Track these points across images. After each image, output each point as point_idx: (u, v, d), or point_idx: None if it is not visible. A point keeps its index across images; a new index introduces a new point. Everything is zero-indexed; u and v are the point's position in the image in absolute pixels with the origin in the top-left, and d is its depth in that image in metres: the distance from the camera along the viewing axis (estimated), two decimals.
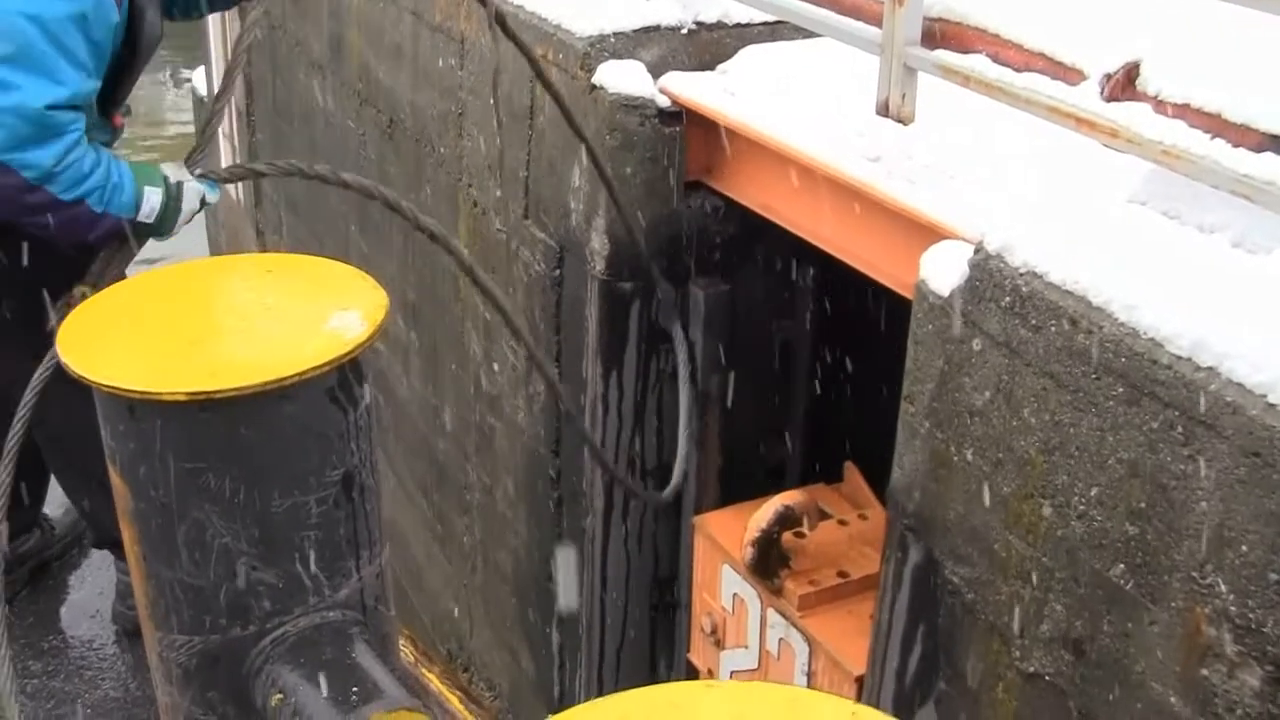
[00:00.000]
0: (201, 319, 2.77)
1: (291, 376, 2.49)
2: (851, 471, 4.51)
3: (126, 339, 2.66)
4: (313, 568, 2.69)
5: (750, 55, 4.26)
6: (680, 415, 4.31)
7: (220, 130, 9.20)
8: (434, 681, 6.07)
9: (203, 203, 4.05)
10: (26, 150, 3.70)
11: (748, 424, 4.52)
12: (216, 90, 4.20)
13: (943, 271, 2.98)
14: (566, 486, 4.81)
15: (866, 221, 3.60)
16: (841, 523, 4.30)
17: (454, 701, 6.00)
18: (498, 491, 5.39)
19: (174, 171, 4.14)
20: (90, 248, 3.99)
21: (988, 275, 2.83)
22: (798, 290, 4.47)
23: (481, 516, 5.59)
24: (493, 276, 5.03)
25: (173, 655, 2.74)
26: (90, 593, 5.31)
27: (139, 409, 2.53)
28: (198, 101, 10.31)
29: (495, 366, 5.16)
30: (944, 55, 3.29)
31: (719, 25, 4.37)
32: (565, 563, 4.84)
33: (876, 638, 3.36)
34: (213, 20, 9.07)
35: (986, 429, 2.87)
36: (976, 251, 2.88)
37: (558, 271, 4.54)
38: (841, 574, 4.10)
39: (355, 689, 2.59)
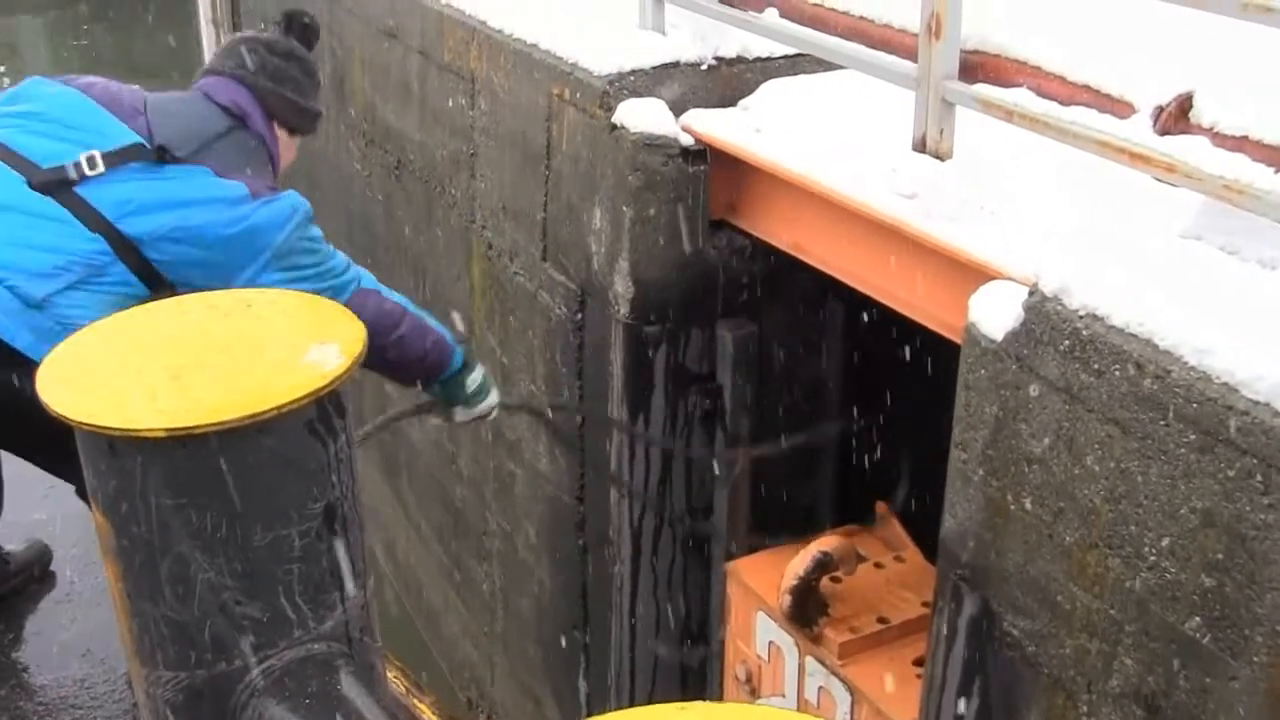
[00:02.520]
0: (181, 354, 2.76)
1: (270, 410, 2.48)
2: (884, 512, 4.41)
3: (106, 376, 2.65)
4: (297, 601, 2.68)
5: (772, 90, 4.17)
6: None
7: None
8: (425, 711, 5.99)
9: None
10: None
11: (778, 466, 4.42)
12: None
13: (995, 314, 2.88)
14: (592, 533, 4.70)
15: (904, 260, 3.50)
16: (878, 565, 4.20)
17: None
18: (518, 538, 5.28)
19: None
20: (423, 368, 3.94)
21: (1044, 318, 2.73)
22: (826, 329, 4.38)
23: (501, 563, 5.48)
24: (512, 320, 4.94)
25: (159, 692, 2.73)
26: (82, 631, 5.29)
27: (119, 446, 2.52)
28: None
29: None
30: (984, 89, 3.20)
31: (739, 60, 4.28)
32: None
33: (929, 691, 3.25)
34: (209, 47, 9.00)
35: (1046, 477, 2.77)
36: (1031, 293, 2.78)
37: (579, 315, 4.44)
38: (881, 619, 4.00)
39: None
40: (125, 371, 2.68)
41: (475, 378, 4.04)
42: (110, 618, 5.19)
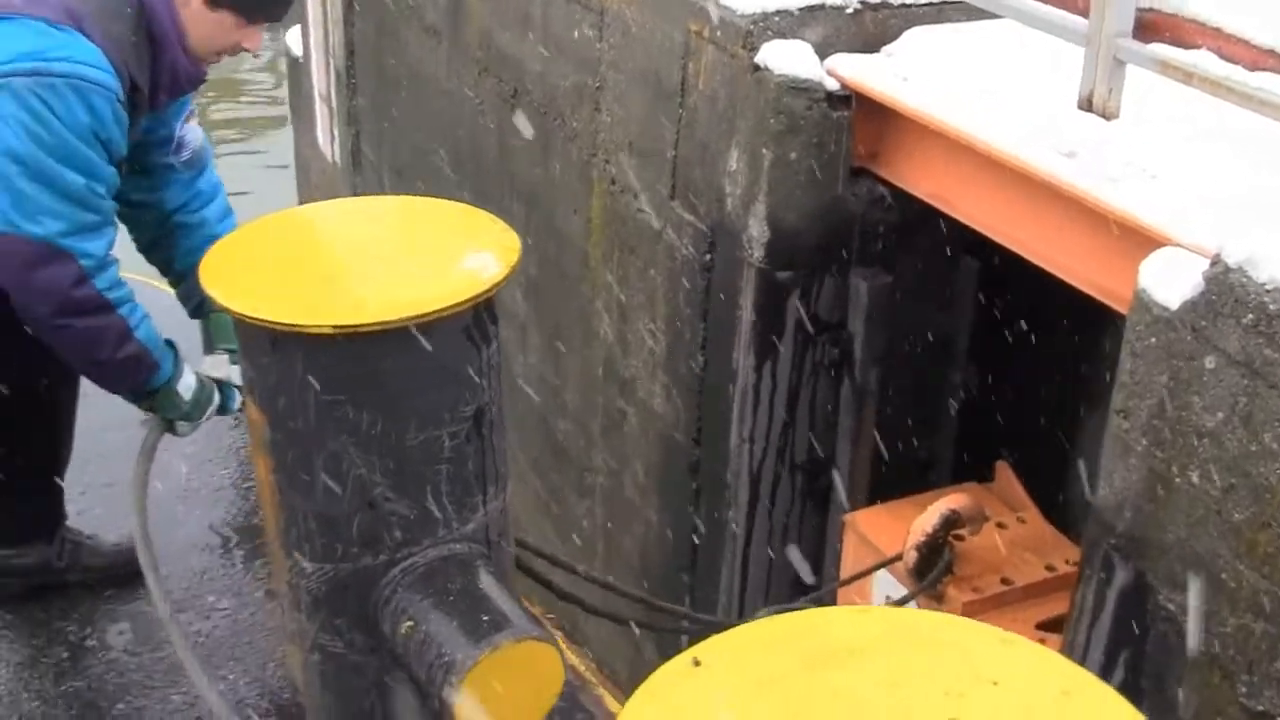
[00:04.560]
0: (337, 257, 2.83)
1: (432, 313, 2.55)
2: (1004, 471, 4.35)
3: (266, 275, 2.72)
4: (444, 501, 2.76)
5: (916, 37, 4.08)
6: None
7: (318, 92, 9.10)
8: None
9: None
10: (85, 238, 3.51)
11: (902, 418, 4.37)
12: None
13: (1169, 282, 2.81)
14: (706, 477, 4.67)
15: (1058, 220, 3.43)
16: (1000, 526, 4.15)
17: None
18: (625, 476, 5.26)
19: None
20: (101, 369, 3.76)
21: (1227, 289, 2.66)
22: (958, 282, 4.31)
23: (605, 500, 5.47)
24: (633, 258, 4.89)
25: (303, 582, 2.81)
26: (200, 525, 5.42)
27: (282, 341, 2.57)
28: (292, 62, 10.17)
29: (630, 349, 5.02)
30: (1161, 49, 3.11)
31: (884, 5, 4.19)
32: None
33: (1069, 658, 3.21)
34: None
35: (1218, 451, 2.71)
36: (1214, 264, 2.70)
37: (709, 256, 4.38)
38: (1005, 581, 3.96)
39: (485, 618, 2.65)
40: (285, 271, 2.75)
41: (189, 385, 3.89)
42: (225, 513, 5.33)
